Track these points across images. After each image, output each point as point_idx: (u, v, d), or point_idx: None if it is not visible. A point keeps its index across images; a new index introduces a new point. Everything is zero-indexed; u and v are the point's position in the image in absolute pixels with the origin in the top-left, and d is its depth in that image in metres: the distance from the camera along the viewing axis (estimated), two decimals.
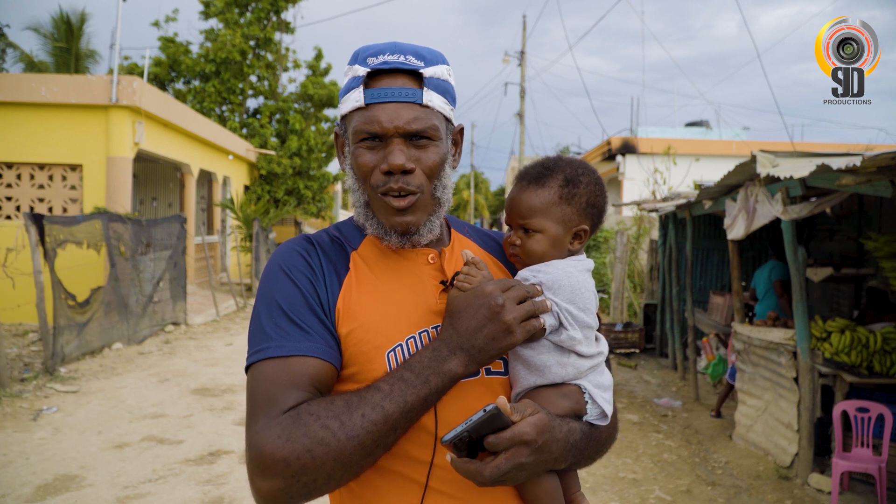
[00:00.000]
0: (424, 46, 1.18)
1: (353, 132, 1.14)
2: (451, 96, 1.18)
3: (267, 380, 1.04)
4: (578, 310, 1.14)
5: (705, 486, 4.82)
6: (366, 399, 1.01)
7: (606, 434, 1.21)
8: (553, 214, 1.19)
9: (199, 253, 15.04)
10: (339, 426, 0.98)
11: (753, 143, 17.07)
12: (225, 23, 19.39)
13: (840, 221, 7.61)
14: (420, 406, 1.03)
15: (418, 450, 1.08)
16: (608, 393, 1.19)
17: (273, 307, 1.10)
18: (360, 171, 1.14)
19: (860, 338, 4.88)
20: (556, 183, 1.20)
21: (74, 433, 5.58)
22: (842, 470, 4.36)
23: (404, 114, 1.10)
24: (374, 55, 1.13)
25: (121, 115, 10.88)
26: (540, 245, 1.19)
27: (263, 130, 19.40)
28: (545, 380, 1.13)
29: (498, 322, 1.04)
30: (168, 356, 8.85)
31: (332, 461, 0.97)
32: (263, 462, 0.97)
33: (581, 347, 1.14)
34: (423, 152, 1.13)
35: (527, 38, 25.41)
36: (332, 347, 1.09)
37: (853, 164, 3.52)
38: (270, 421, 0.99)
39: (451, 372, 1.04)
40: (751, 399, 5.61)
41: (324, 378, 1.06)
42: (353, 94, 1.13)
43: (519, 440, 0.99)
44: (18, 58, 17.87)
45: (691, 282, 7.88)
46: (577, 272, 1.18)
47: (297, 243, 1.19)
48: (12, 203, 10.75)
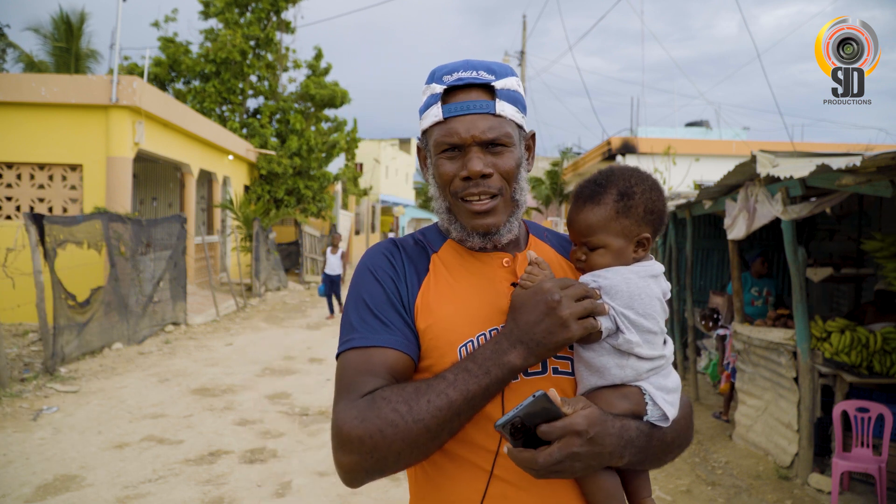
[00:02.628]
0: (495, 62, 1.27)
1: (434, 144, 1.24)
2: (522, 105, 1.27)
3: (350, 367, 1.16)
4: (637, 315, 1.16)
5: (705, 486, 4.82)
6: (433, 387, 1.10)
7: (673, 435, 1.23)
8: (612, 229, 1.22)
9: (199, 253, 15.04)
10: (407, 410, 1.07)
11: (753, 143, 17.07)
12: (225, 23, 19.38)
13: (840, 221, 7.60)
14: (482, 395, 1.10)
15: (485, 438, 1.16)
16: (672, 395, 1.21)
17: (360, 303, 1.22)
18: (442, 180, 1.24)
19: (860, 338, 4.88)
20: (610, 198, 1.23)
21: (74, 433, 5.58)
22: (842, 470, 4.36)
23: (480, 124, 1.19)
24: (449, 73, 1.23)
25: (121, 115, 10.88)
26: (604, 259, 1.23)
27: (263, 130, 19.39)
28: (605, 381, 1.17)
29: (554, 316, 1.10)
30: (168, 356, 8.85)
31: (400, 441, 1.07)
32: (342, 439, 1.09)
33: (640, 350, 1.16)
34: (499, 158, 1.22)
35: (527, 38, 25.41)
36: (411, 341, 1.19)
37: (853, 164, 3.51)
38: (349, 403, 1.11)
39: (511, 364, 1.10)
40: (751, 399, 5.61)
41: (400, 368, 1.17)
42: (433, 109, 1.23)
43: (571, 430, 1.04)
44: (18, 58, 17.88)
45: (691, 282, 7.87)
46: (638, 278, 1.20)
47: (384, 246, 1.30)
48: (12, 203, 10.75)
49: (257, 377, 7.77)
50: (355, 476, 1.12)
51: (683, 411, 1.27)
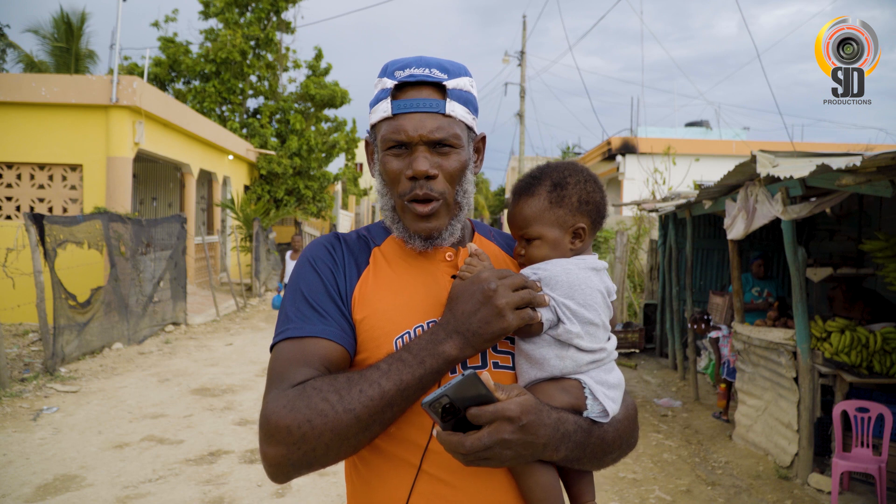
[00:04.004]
0: (449, 60, 1.26)
1: (381, 140, 1.22)
2: (474, 106, 1.26)
3: (283, 357, 1.14)
4: (577, 305, 1.16)
5: (705, 486, 4.82)
6: (365, 376, 1.07)
7: (614, 435, 1.21)
8: (546, 219, 1.23)
9: (199, 253, 15.04)
10: (338, 399, 1.05)
11: (753, 143, 17.07)
12: (225, 23, 19.38)
13: (840, 221, 7.61)
14: (416, 385, 1.08)
15: (416, 433, 1.13)
16: (613, 391, 1.20)
17: (297, 294, 1.20)
18: (388, 177, 1.22)
19: (860, 338, 4.88)
20: (544, 189, 1.25)
21: (74, 433, 5.58)
22: (842, 470, 4.36)
23: (428, 123, 1.18)
24: (401, 68, 1.21)
25: (121, 115, 10.88)
26: (541, 250, 1.23)
27: (263, 130, 19.39)
28: (544, 373, 1.16)
29: (490, 306, 1.09)
30: (168, 356, 8.85)
31: (329, 432, 1.04)
32: (269, 429, 1.06)
33: (580, 342, 1.16)
34: (446, 159, 1.20)
35: (527, 38, 25.41)
36: (346, 332, 1.17)
37: (853, 164, 3.51)
38: (280, 393, 1.08)
39: (446, 354, 1.09)
40: (751, 399, 5.61)
41: (335, 359, 1.14)
42: (382, 104, 1.21)
43: (502, 415, 1.01)
44: (18, 58, 17.88)
45: (691, 282, 7.88)
46: (578, 269, 1.20)
47: (326, 239, 1.29)
48: (12, 203, 10.75)
49: (257, 377, 7.77)
50: (281, 469, 1.08)
51: (627, 413, 1.26)
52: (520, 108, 25.88)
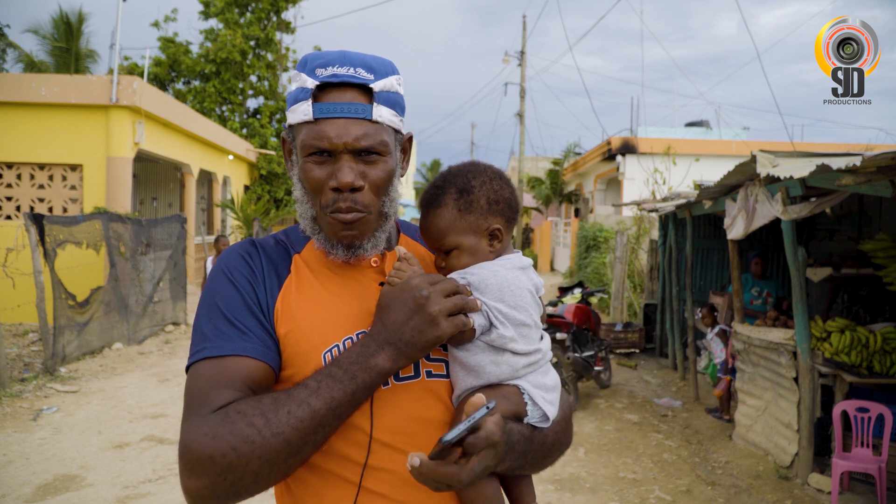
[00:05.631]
0: (374, 56, 1.16)
1: (302, 146, 1.12)
2: (401, 107, 1.18)
3: (202, 379, 1.04)
4: (509, 307, 1.13)
5: (705, 486, 4.82)
6: (293, 396, 1.00)
7: (554, 438, 1.18)
8: (459, 228, 1.18)
9: (199, 253, 15.04)
10: (264, 423, 0.97)
11: (753, 143, 17.06)
12: (225, 23, 19.40)
13: (840, 221, 7.61)
14: (348, 402, 1.02)
15: (353, 450, 1.07)
16: (551, 394, 1.17)
17: (213, 309, 1.10)
18: (309, 186, 1.13)
19: (860, 338, 4.88)
20: (450, 198, 1.18)
21: (74, 433, 5.58)
22: (842, 470, 4.36)
23: (353, 130, 1.09)
24: (322, 66, 1.11)
25: (121, 115, 10.89)
26: (460, 260, 1.18)
27: (263, 130, 19.41)
28: (481, 380, 1.12)
29: (423, 314, 1.03)
30: (168, 356, 8.85)
31: (257, 459, 0.96)
32: (190, 460, 0.97)
33: (514, 345, 1.12)
34: (372, 168, 1.12)
35: (527, 38, 25.41)
36: (270, 348, 1.08)
37: (853, 164, 3.51)
38: (200, 420, 0.99)
39: (379, 367, 1.03)
40: (751, 399, 5.61)
41: (258, 378, 1.06)
42: (302, 105, 1.11)
43: (490, 441, 0.97)
44: (18, 58, 17.88)
45: (691, 282, 7.88)
46: (506, 270, 1.16)
47: (241, 246, 1.19)
48: (12, 203, 10.75)
49: None
50: (206, 502, 0.98)
51: (564, 414, 1.22)
52: (520, 108, 25.88)
